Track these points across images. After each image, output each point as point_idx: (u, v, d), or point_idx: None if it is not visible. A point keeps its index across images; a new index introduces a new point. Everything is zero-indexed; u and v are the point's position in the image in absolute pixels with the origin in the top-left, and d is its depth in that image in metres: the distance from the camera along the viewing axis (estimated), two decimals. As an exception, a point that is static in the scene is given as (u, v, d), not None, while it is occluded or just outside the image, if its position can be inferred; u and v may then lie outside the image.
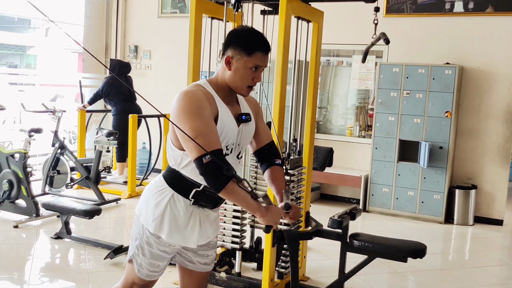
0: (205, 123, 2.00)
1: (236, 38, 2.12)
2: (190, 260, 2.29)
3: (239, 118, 2.19)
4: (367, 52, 3.93)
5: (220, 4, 3.72)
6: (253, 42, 2.10)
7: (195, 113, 2.01)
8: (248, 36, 2.12)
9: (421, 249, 3.14)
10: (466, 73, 6.13)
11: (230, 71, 2.11)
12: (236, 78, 2.11)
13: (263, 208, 2.07)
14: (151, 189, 2.21)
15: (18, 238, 4.73)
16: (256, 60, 2.10)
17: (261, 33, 2.18)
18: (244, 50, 2.08)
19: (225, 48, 2.13)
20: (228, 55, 2.11)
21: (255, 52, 2.09)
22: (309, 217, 3.81)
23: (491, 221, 6.09)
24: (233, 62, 2.10)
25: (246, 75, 2.11)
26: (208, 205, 2.20)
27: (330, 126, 7.08)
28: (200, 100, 2.03)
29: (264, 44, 2.12)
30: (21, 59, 19.48)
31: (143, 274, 2.22)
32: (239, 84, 2.13)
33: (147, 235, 2.16)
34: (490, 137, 6.08)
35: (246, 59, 2.09)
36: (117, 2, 8.12)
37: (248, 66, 2.09)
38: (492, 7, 5.94)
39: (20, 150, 5.20)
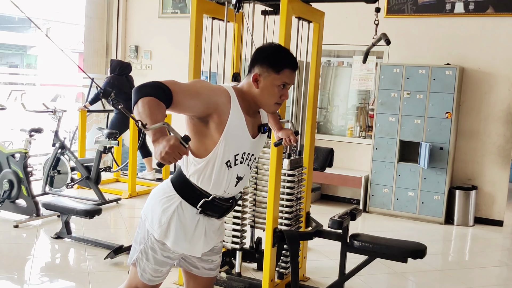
0: (198, 91, 1.97)
1: (264, 55, 2.09)
2: (195, 265, 2.28)
3: (261, 128, 2.17)
4: (368, 53, 3.93)
5: (221, 4, 3.72)
6: (281, 59, 2.07)
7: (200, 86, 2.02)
8: (276, 53, 2.09)
9: (421, 249, 3.14)
10: (467, 74, 6.13)
11: (258, 89, 2.08)
12: (264, 95, 2.08)
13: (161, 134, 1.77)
14: (159, 194, 2.18)
15: (19, 238, 4.73)
16: (284, 78, 2.07)
17: (289, 49, 2.15)
18: (272, 67, 2.05)
19: (252, 65, 2.10)
20: (256, 73, 2.07)
21: (284, 69, 2.06)
22: (309, 217, 3.81)
23: (491, 222, 6.09)
24: (261, 79, 2.07)
25: (273, 92, 2.08)
26: (215, 214, 2.19)
27: (330, 126, 7.08)
28: (212, 88, 2.03)
29: (292, 61, 2.10)
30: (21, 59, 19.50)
31: (145, 279, 2.21)
32: (267, 101, 2.10)
33: (152, 241, 2.15)
34: (490, 138, 6.08)
35: (274, 77, 2.06)
36: (118, 2, 8.12)
37: (276, 84, 2.07)
38: (492, 8, 5.94)
39: (20, 150, 5.20)
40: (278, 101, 2.11)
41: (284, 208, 3.53)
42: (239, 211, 3.64)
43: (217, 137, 2.03)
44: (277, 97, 2.10)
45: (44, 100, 6.43)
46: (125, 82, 6.87)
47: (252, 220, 3.76)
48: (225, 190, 2.15)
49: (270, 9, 3.84)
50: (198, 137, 2.06)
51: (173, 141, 1.72)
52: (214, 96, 2.00)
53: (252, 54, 2.17)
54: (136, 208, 5.98)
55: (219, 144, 2.04)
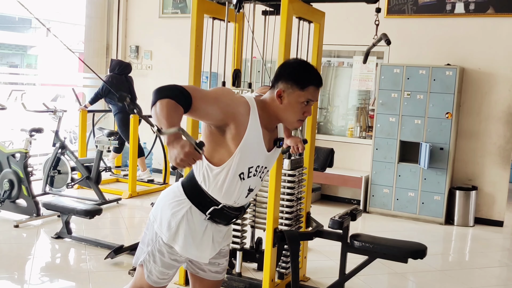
0: (218, 99, 1.96)
1: (288, 71, 2.07)
2: (201, 268, 2.28)
3: (277, 142, 2.17)
4: (368, 53, 3.93)
5: (221, 4, 3.72)
6: (306, 76, 2.06)
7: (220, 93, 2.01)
8: (301, 70, 2.08)
9: (422, 250, 3.14)
10: (467, 74, 6.13)
11: (282, 104, 2.06)
12: (287, 111, 2.06)
13: (175, 138, 1.77)
14: (169, 197, 2.17)
15: (19, 237, 4.73)
16: (309, 95, 2.06)
17: (314, 66, 2.13)
18: (297, 84, 2.03)
19: (276, 81, 2.08)
20: (280, 88, 2.05)
21: (308, 86, 2.05)
22: (309, 217, 3.81)
23: (491, 222, 6.09)
24: (285, 95, 2.05)
25: (297, 109, 2.06)
26: (222, 222, 2.19)
27: (330, 126, 7.08)
28: (232, 97, 2.01)
29: (317, 78, 2.08)
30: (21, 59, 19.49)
31: (152, 281, 2.20)
32: (290, 118, 2.08)
33: (160, 244, 2.14)
34: (490, 138, 6.08)
35: (298, 93, 2.04)
36: (118, 2, 8.13)
37: (300, 100, 2.05)
38: (493, 8, 5.94)
39: (21, 150, 5.20)
40: (301, 118, 2.09)
41: (284, 208, 3.53)
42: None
43: (233, 148, 2.02)
44: (300, 114, 2.08)
45: (45, 100, 6.43)
46: (124, 82, 6.87)
47: (253, 220, 3.76)
48: (236, 200, 2.15)
49: (270, 9, 3.84)
50: (214, 145, 2.05)
51: (188, 148, 1.73)
52: (234, 106, 1.98)
53: (277, 69, 2.15)
54: (137, 208, 5.98)
55: (234, 156, 2.02)
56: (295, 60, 2.20)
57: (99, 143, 6.04)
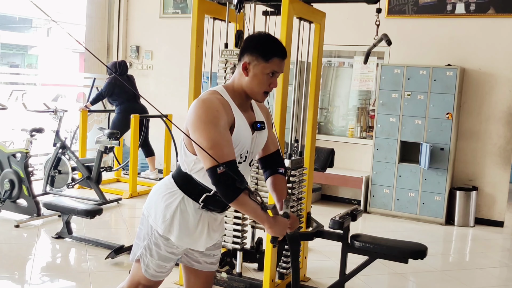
0: (220, 133, 2.01)
1: (253, 44, 2.12)
2: (197, 260, 2.30)
3: (254, 126, 2.19)
4: (369, 53, 3.94)
5: (222, 4, 3.73)
6: (270, 47, 2.10)
7: (212, 122, 2.01)
8: (265, 42, 2.12)
9: (422, 250, 3.15)
10: (468, 74, 6.13)
11: (247, 77, 2.11)
12: (253, 84, 2.11)
13: (271, 219, 2.10)
14: (161, 190, 2.21)
15: (19, 237, 4.74)
16: (273, 66, 2.10)
17: (278, 38, 2.17)
18: (261, 55, 2.08)
19: (241, 54, 2.13)
20: (245, 61, 2.10)
21: (273, 57, 2.09)
22: (310, 218, 3.81)
23: (491, 223, 6.09)
24: (250, 68, 2.10)
25: (263, 80, 2.11)
26: (217, 209, 2.21)
27: (331, 127, 7.08)
28: (217, 109, 2.03)
29: (281, 49, 2.13)
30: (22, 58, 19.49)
31: (149, 275, 2.22)
32: (256, 89, 2.13)
33: (156, 236, 2.17)
34: (491, 138, 6.08)
35: (263, 65, 2.09)
36: (119, 2, 8.13)
37: (265, 72, 2.10)
38: (493, 8, 5.94)
39: (21, 150, 5.21)
40: (267, 89, 2.14)
41: (285, 208, 3.52)
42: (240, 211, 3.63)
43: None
44: (266, 85, 2.13)
45: (45, 100, 6.44)
46: (126, 82, 6.87)
47: (253, 220, 3.76)
48: None
49: (271, 10, 3.84)
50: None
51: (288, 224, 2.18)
52: (224, 119, 2.03)
53: (242, 43, 2.20)
54: (137, 208, 5.98)
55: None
56: (260, 33, 2.24)
57: (100, 143, 6.04)
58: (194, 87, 3.60)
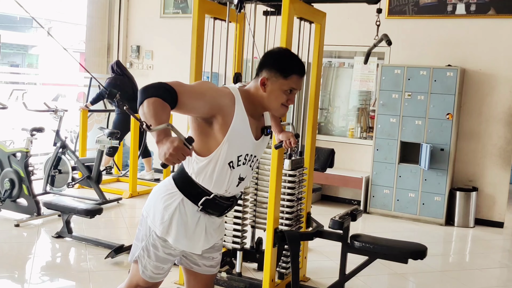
0: (204, 92, 1.99)
1: (272, 59, 2.11)
2: (196, 262, 2.29)
3: (264, 130, 2.19)
4: (369, 54, 3.93)
5: (222, 4, 3.72)
6: (289, 64, 2.08)
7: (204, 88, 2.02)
8: (284, 58, 2.11)
9: (422, 250, 3.15)
10: (468, 75, 6.13)
11: (265, 92, 2.09)
12: (271, 99, 2.09)
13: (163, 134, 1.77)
14: (160, 191, 2.20)
15: (19, 237, 4.74)
16: (292, 83, 2.08)
17: (297, 55, 2.16)
18: (280, 72, 2.06)
19: (260, 69, 2.11)
20: (264, 77, 2.08)
21: (291, 74, 2.07)
22: (310, 218, 3.81)
23: (491, 224, 6.09)
24: (268, 83, 2.08)
25: (280, 97, 2.09)
26: (215, 213, 2.21)
27: (331, 127, 7.08)
28: (216, 89, 2.04)
29: (300, 67, 2.11)
30: (23, 58, 19.50)
31: (147, 276, 2.22)
32: (273, 105, 2.11)
33: (154, 238, 2.16)
34: (491, 139, 6.08)
35: (281, 82, 2.07)
36: (120, 2, 8.13)
37: (283, 89, 2.08)
38: (494, 9, 5.94)
39: (21, 149, 5.21)
40: (284, 104, 2.12)
41: (285, 208, 3.53)
42: (240, 211, 3.64)
43: (221, 138, 2.05)
44: (284, 102, 2.11)
45: (46, 99, 6.44)
46: (127, 82, 6.88)
47: (253, 220, 3.77)
48: (227, 189, 2.17)
49: (271, 10, 3.84)
50: (202, 137, 2.08)
51: (177, 143, 1.73)
52: (219, 98, 2.02)
53: (261, 57, 2.18)
54: (137, 208, 5.99)
55: (222, 145, 2.06)
56: (279, 49, 2.24)
57: (100, 143, 6.04)
58: (195, 87, 3.60)
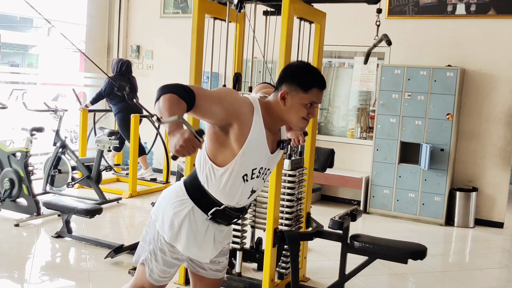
0: (222, 98, 1.98)
1: (292, 74, 2.09)
2: (202, 266, 2.29)
3: (280, 144, 2.18)
4: (369, 54, 3.93)
5: (222, 4, 3.73)
6: (310, 78, 2.07)
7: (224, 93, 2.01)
8: (305, 72, 2.09)
9: (422, 250, 3.15)
10: (468, 75, 6.13)
11: (285, 107, 2.07)
12: (291, 113, 2.07)
13: (174, 126, 1.79)
14: (171, 196, 2.18)
15: (19, 236, 4.74)
16: (312, 97, 2.07)
17: (317, 69, 2.14)
18: (300, 86, 2.05)
19: (280, 83, 2.09)
20: (284, 90, 2.06)
21: (312, 88, 2.06)
22: (310, 218, 3.81)
23: (491, 224, 6.09)
24: (288, 98, 2.06)
25: (301, 111, 2.07)
26: (224, 222, 2.21)
27: (331, 127, 7.08)
28: (236, 97, 2.02)
29: (320, 80, 2.10)
30: (23, 58, 19.49)
31: (153, 279, 2.21)
32: (294, 120, 2.09)
33: (162, 243, 2.15)
34: (491, 139, 6.07)
35: (302, 96, 2.05)
36: (120, 2, 8.13)
37: (304, 103, 2.06)
38: (494, 10, 5.94)
39: (21, 149, 5.21)
40: (305, 117, 2.10)
41: (284, 208, 3.53)
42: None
43: (237, 149, 2.03)
44: (305, 115, 2.09)
45: (45, 99, 6.43)
46: (126, 82, 6.87)
47: (253, 220, 3.77)
48: (238, 202, 2.16)
49: (271, 10, 3.84)
50: (218, 146, 2.06)
51: (187, 135, 1.73)
52: (237, 106, 2.00)
53: (281, 71, 2.17)
54: (137, 208, 5.99)
55: (238, 157, 2.03)
56: (299, 62, 2.23)
57: (100, 143, 6.04)
58: (194, 87, 3.60)
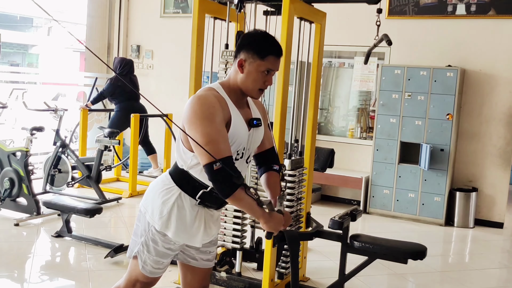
0: (217, 129, 2.01)
1: (249, 41, 2.14)
2: (193, 257, 2.32)
3: (251, 122, 2.20)
4: (369, 54, 3.93)
5: (223, 4, 3.73)
6: (266, 45, 2.11)
7: (207, 118, 2.02)
8: (261, 40, 2.13)
9: (422, 250, 3.15)
10: (468, 75, 6.13)
11: (243, 74, 2.12)
12: (248, 81, 2.12)
13: (267, 215, 2.11)
14: (158, 186, 2.22)
15: (19, 236, 4.74)
16: (268, 64, 2.11)
17: (274, 36, 2.18)
18: (257, 53, 2.10)
19: (238, 51, 2.14)
20: (241, 58, 2.12)
21: (268, 55, 2.10)
22: (309, 218, 3.81)
23: (491, 224, 6.09)
24: (246, 65, 2.11)
25: (258, 78, 2.12)
26: (213, 205, 2.23)
27: (331, 127, 7.08)
28: (213, 105, 2.04)
29: (276, 48, 2.14)
30: (23, 57, 19.49)
31: (147, 271, 2.23)
32: (250, 87, 2.14)
33: (153, 233, 2.18)
34: (491, 140, 6.08)
35: (258, 63, 2.10)
36: (120, 2, 8.14)
37: (260, 70, 2.11)
38: (494, 10, 5.94)
39: (21, 148, 5.21)
40: (262, 87, 2.16)
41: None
42: (239, 211, 3.64)
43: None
44: (261, 83, 2.14)
45: (46, 98, 6.44)
46: (128, 83, 6.87)
47: (253, 220, 3.76)
48: None
49: (272, 10, 3.84)
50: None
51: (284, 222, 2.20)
52: (220, 115, 2.04)
53: (239, 40, 2.21)
54: (137, 207, 5.94)
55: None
56: (256, 30, 2.26)
57: (100, 142, 6.04)
58: (195, 87, 3.61)
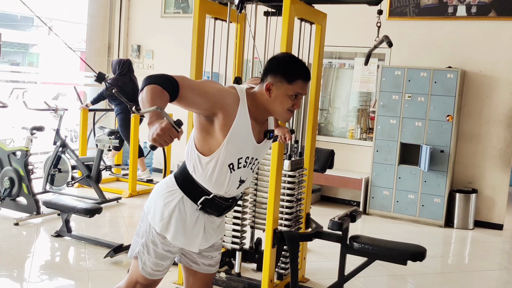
0: (207, 88, 2.01)
1: (277, 65, 2.11)
2: (194, 261, 2.31)
3: (267, 134, 2.20)
4: (370, 55, 3.94)
5: (223, 5, 3.73)
6: (294, 70, 2.09)
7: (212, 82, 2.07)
8: (289, 64, 2.11)
9: (421, 252, 3.15)
10: (468, 77, 6.14)
11: (270, 97, 2.09)
12: (276, 104, 2.10)
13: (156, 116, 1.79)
14: (161, 188, 2.22)
15: (19, 235, 4.74)
16: (297, 88, 2.09)
17: (302, 60, 2.17)
18: (285, 78, 2.07)
19: (265, 75, 2.12)
20: (269, 82, 2.09)
21: (296, 80, 2.08)
22: (309, 218, 3.81)
23: (491, 226, 6.09)
24: (273, 89, 2.09)
25: (286, 102, 2.10)
26: (214, 212, 2.22)
27: (331, 128, 7.08)
28: (220, 88, 2.06)
29: (305, 72, 2.12)
30: (23, 57, 19.48)
31: (146, 272, 2.23)
32: (278, 110, 2.12)
33: (153, 234, 2.18)
34: (491, 141, 6.08)
35: (286, 87, 2.08)
36: (121, 2, 8.14)
37: (289, 94, 2.09)
38: (495, 11, 5.95)
39: (21, 148, 5.21)
40: (290, 109, 2.13)
41: (284, 209, 3.53)
42: (239, 212, 3.64)
43: (221, 138, 2.06)
44: (289, 107, 2.11)
45: (46, 98, 6.44)
46: (128, 82, 6.87)
47: (252, 220, 3.77)
48: (226, 191, 2.19)
49: (272, 10, 3.84)
50: (204, 135, 2.10)
51: (164, 124, 1.72)
52: (222, 96, 2.03)
53: (266, 63, 2.19)
54: (137, 207, 5.99)
55: (223, 146, 2.07)
56: (284, 54, 2.25)
57: (100, 142, 6.04)
58: (195, 87, 3.60)
